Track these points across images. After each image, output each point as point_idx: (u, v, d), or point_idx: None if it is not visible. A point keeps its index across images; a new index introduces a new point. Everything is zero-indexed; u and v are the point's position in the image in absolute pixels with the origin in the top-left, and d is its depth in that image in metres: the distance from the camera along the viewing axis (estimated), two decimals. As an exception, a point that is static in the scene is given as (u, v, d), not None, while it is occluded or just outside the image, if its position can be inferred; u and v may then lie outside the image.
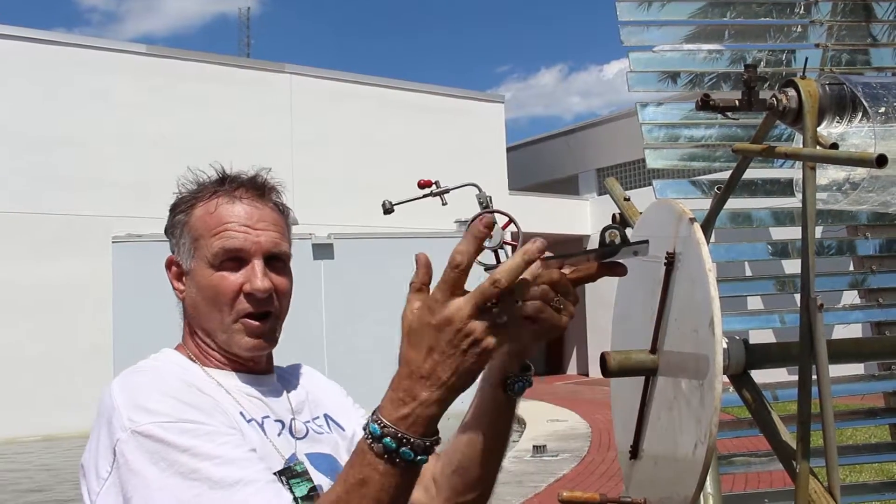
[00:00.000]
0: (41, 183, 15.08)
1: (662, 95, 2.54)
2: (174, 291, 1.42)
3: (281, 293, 1.38)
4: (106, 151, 15.74)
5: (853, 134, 1.33)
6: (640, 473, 1.51)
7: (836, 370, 1.59)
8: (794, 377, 1.42)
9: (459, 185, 1.34)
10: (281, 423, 1.38)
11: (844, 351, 1.51)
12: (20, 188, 14.90)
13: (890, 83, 1.31)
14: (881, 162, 1.06)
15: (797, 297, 1.41)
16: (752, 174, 2.37)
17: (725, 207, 1.75)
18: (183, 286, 1.40)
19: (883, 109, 1.24)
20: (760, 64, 2.41)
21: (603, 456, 10.08)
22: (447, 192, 1.32)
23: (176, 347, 1.42)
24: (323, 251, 15.64)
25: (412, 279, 1.00)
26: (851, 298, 2.72)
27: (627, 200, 2.06)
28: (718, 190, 1.60)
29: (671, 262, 1.33)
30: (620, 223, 2.08)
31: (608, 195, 2.20)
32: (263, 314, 1.36)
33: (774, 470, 2.29)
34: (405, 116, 19.28)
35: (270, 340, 1.39)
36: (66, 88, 15.52)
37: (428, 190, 1.31)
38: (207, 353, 1.39)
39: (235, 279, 1.34)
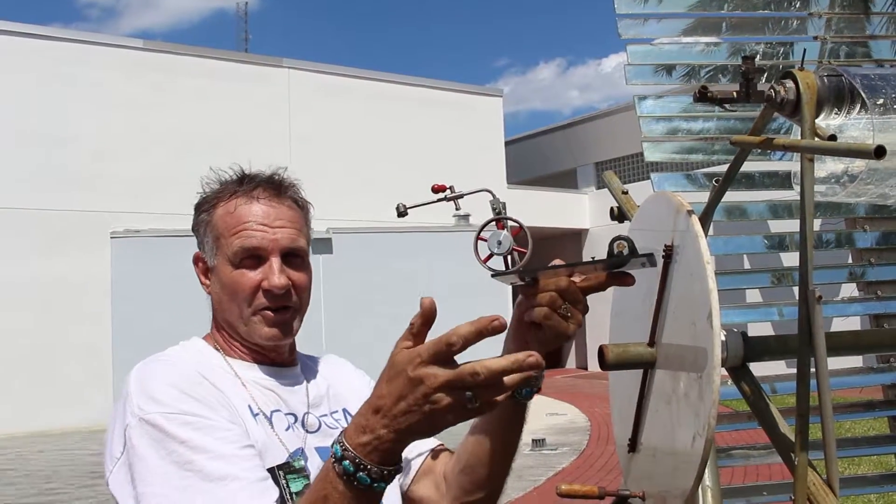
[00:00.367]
0: (39, 179, 15.04)
1: (660, 88, 2.53)
2: (201, 286, 1.51)
3: (299, 288, 1.45)
4: (104, 147, 15.70)
5: (851, 126, 1.33)
6: (638, 466, 1.51)
7: (834, 363, 1.59)
8: (792, 370, 1.41)
9: (473, 190, 1.35)
10: (293, 416, 1.44)
11: (843, 343, 1.51)
12: (18, 184, 14.87)
13: (888, 75, 1.30)
14: (879, 153, 1.05)
15: (796, 289, 1.40)
16: (750, 167, 2.37)
17: (724, 200, 1.75)
18: (209, 281, 1.48)
19: (881, 101, 1.23)
20: (758, 56, 2.40)
21: (602, 449, 10.09)
22: (461, 196, 1.34)
23: (204, 336, 1.50)
24: (321, 246, 15.64)
25: (413, 318, 1.04)
26: (850, 291, 2.72)
27: (625, 194, 2.05)
28: (716, 182, 1.59)
29: (669, 254, 1.33)
30: (618, 216, 2.07)
31: (607, 189, 2.20)
32: (282, 308, 1.43)
33: (773, 463, 2.30)
34: (403, 111, 19.25)
35: (288, 331, 1.45)
36: (63, 84, 15.47)
37: (442, 194, 1.33)
38: (231, 344, 1.47)
39: (254, 276, 1.42)
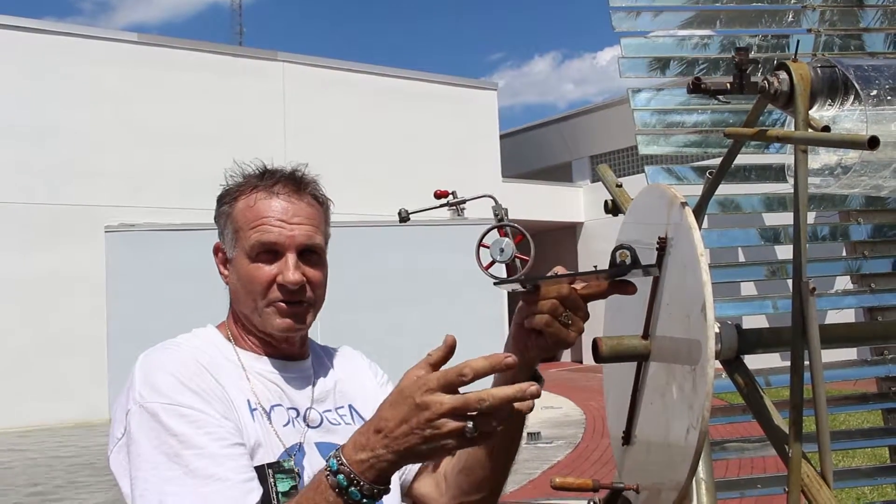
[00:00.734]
0: (32, 172, 15.00)
1: (654, 81, 2.53)
2: (220, 276, 1.53)
3: (314, 284, 1.48)
4: (98, 140, 15.66)
5: (845, 117, 1.32)
6: (632, 459, 1.51)
7: (828, 355, 1.59)
8: (786, 363, 1.41)
9: (475, 196, 1.35)
10: (295, 410, 1.47)
11: (837, 336, 1.51)
12: (12, 178, 14.83)
13: (882, 66, 1.30)
14: (873, 144, 1.05)
15: (790, 282, 1.40)
16: (744, 160, 2.37)
17: (717, 193, 1.75)
18: (227, 272, 1.51)
19: (875, 92, 1.23)
20: (752, 49, 2.40)
21: (597, 443, 10.11)
22: (463, 202, 1.34)
23: (218, 325, 1.53)
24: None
25: (433, 351, 1.10)
26: (844, 284, 2.73)
27: (620, 187, 2.05)
28: (710, 175, 1.59)
29: (663, 247, 1.33)
30: (613, 210, 2.07)
31: (601, 182, 2.20)
32: (295, 302, 1.46)
33: (767, 455, 2.30)
34: (398, 104, 19.22)
35: (301, 324, 1.47)
36: (57, 77, 15.43)
37: (444, 200, 1.33)
38: (245, 335, 1.49)
39: (269, 270, 1.44)
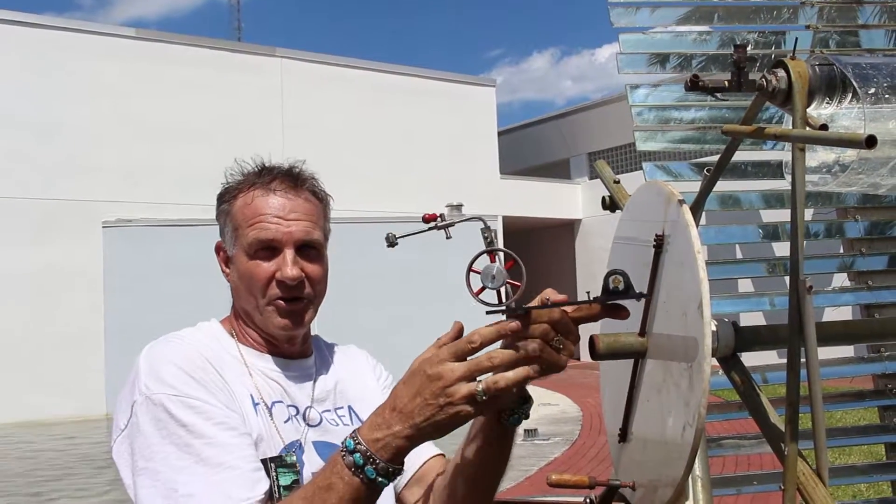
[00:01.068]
0: (30, 167, 14.99)
1: (653, 78, 2.53)
2: (222, 274, 1.55)
3: (313, 279, 1.49)
4: (95, 136, 15.64)
5: (843, 115, 1.32)
6: (628, 456, 1.51)
7: (825, 352, 1.58)
8: (784, 360, 1.41)
9: (464, 218, 1.35)
10: (295, 408, 1.48)
11: (833, 333, 1.50)
12: (9, 173, 14.81)
13: (880, 64, 1.30)
14: (871, 143, 1.05)
15: (787, 279, 1.40)
16: (742, 157, 2.37)
17: (715, 190, 1.75)
18: (228, 270, 1.53)
19: (873, 90, 1.23)
20: (750, 46, 2.40)
21: (594, 440, 10.12)
22: (452, 225, 1.33)
23: (222, 320, 1.55)
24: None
25: (442, 336, 1.15)
26: (841, 281, 2.73)
27: (617, 183, 2.05)
28: (708, 172, 1.59)
29: (660, 244, 1.33)
30: (610, 206, 2.07)
31: (599, 179, 2.19)
32: (294, 298, 1.47)
33: (763, 452, 2.31)
34: (396, 100, 19.20)
35: (299, 322, 1.49)
36: (55, 72, 15.41)
37: (433, 223, 1.33)
38: (246, 332, 1.51)
39: (268, 267, 1.45)
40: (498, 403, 1.14)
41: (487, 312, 1.14)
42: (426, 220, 1.35)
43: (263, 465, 1.34)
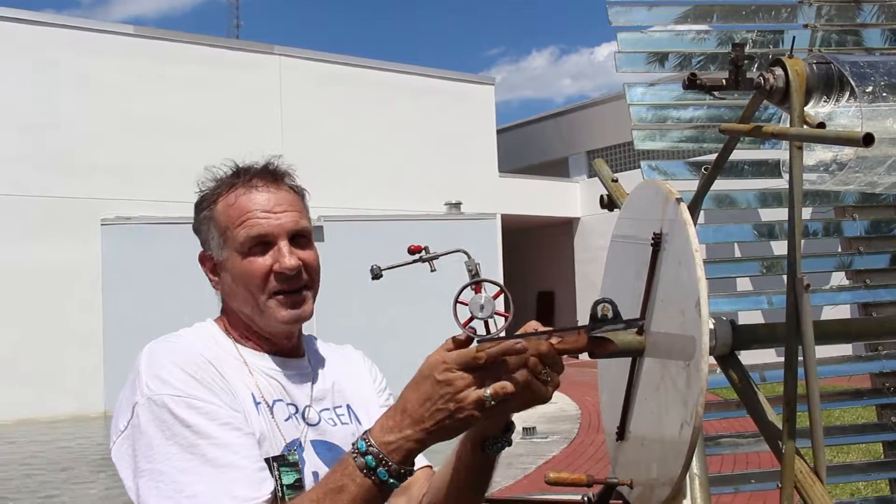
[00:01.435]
0: (29, 165, 14.96)
1: (651, 76, 2.52)
2: (210, 284, 1.53)
3: (310, 267, 1.49)
4: (94, 133, 15.61)
5: (840, 114, 1.32)
6: (626, 455, 1.51)
7: (823, 351, 1.59)
8: (782, 358, 1.41)
9: (448, 251, 1.36)
10: (294, 406, 1.48)
11: (831, 332, 1.51)
12: (7, 170, 14.78)
13: (877, 62, 1.30)
14: (868, 141, 1.05)
15: (785, 278, 1.40)
16: (739, 155, 2.37)
17: (713, 189, 1.75)
18: (217, 278, 1.51)
19: (870, 89, 1.23)
20: (749, 45, 2.40)
21: (592, 438, 10.12)
22: (436, 257, 1.35)
23: (216, 319, 1.53)
24: (313, 234, 15.60)
25: (449, 340, 1.17)
26: (839, 280, 2.73)
27: (615, 181, 2.05)
28: (706, 171, 1.59)
29: (658, 243, 1.33)
30: (608, 205, 2.07)
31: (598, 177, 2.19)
32: (295, 290, 1.46)
33: (761, 451, 2.30)
34: (395, 99, 19.18)
35: (303, 312, 1.48)
36: (54, 69, 15.37)
37: (417, 256, 1.34)
38: (243, 334, 1.50)
39: (264, 262, 1.44)
40: (505, 410, 1.16)
41: (479, 342, 1.15)
42: (411, 251, 1.36)
43: (266, 464, 1.34)
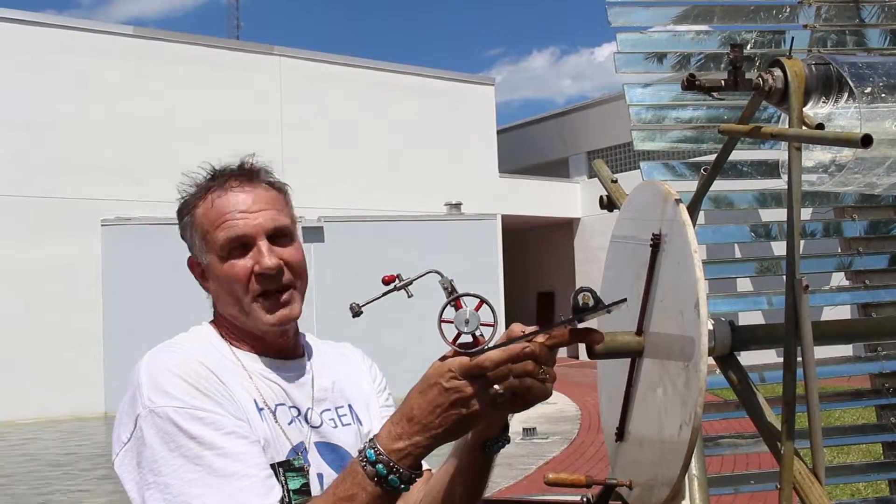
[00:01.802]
0: (29, 165, 14.96)
1: (650, 77, 2.53)
2: (202, 288, 1.52)
3: (293, 265, 1.46)
4: (94, 134, 15.61)
5: (839, 115, 1.32)
6: (625, 455, 1.51)
7: (823, 352, 1.59)
8: (781, 359, 1.41)
9: (420, 274, 1.36)
10: (297, 409, 1.47)
11: (830, 332, 1.51)
12: (7, 171, 14.79)
13: (876, 63, 1.30)
14: (866, 142, 1.05)
15: (784, 278, 1.40)
16: (738, 156, 2.37)
17: (712, 189, 1.75)
18: (207, 283, 1.50)
19: (869, 89, 1.23)
20: (748, 45, 2.40)
21: (592, 438, 10.13)
22: (410, 283, 1.35)
23: (211, 322, 1.53)
24: (313, 234, 15.62)
25: (450, 349, 1.17)
26: (838, 280, 2.73)
27: (615, 182, 2.05)
28: (705, 171, 1.59)
29: (657, 243, 1.33)
30: (608, 205, 2.07)
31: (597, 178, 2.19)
32: (277, 290, 1.44)
33: (760, 452, 2.30)
34: (395, 99, 19.18)
35: (289, 311, 1.46)
36: (54, 70, 15.38)
37: (392, 285, 1.34)
38: (237, 336, 1.49)
39: (245, 263, 1.43)
40: (508, 411, 1.19)
41: (471, 355, 1.14)
42: (385, 281, 1.36)
43: (272, 469, 1.33)
